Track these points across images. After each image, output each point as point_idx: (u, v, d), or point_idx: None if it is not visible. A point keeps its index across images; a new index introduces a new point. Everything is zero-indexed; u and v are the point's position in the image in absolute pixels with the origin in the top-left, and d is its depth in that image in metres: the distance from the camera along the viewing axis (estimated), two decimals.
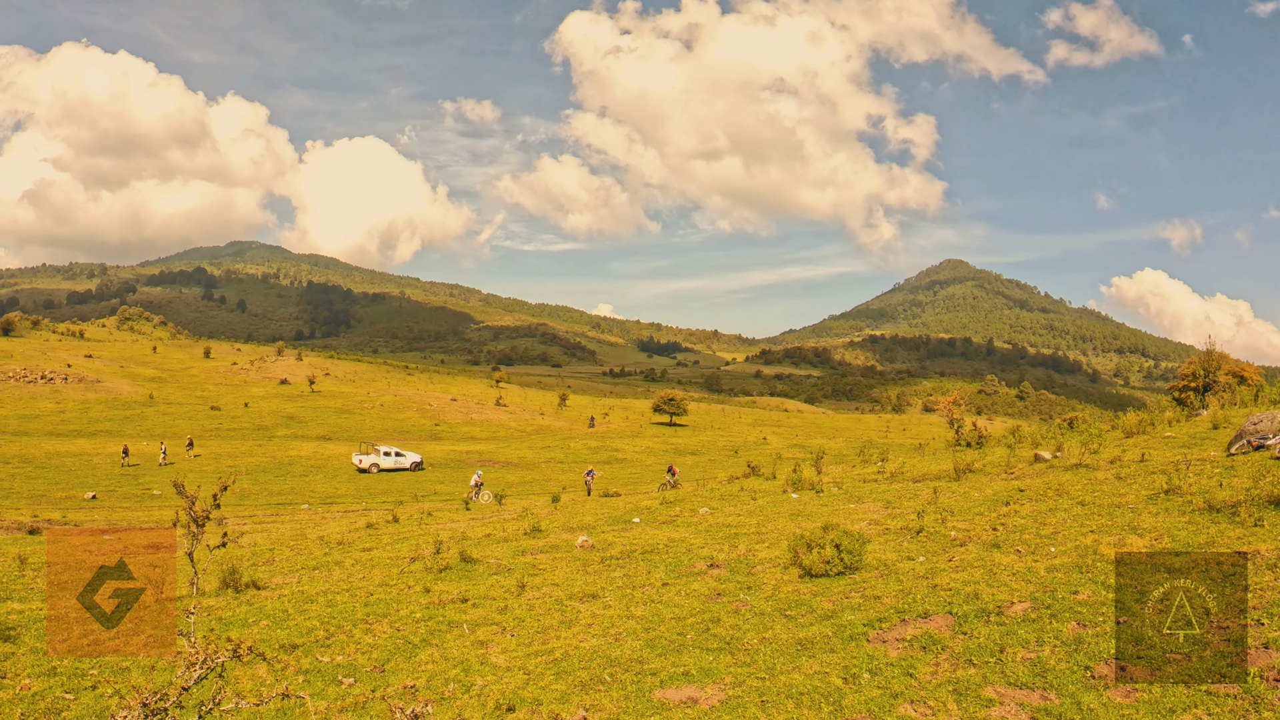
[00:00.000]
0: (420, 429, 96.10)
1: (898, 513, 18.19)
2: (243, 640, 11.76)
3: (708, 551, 16.99)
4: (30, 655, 11.83)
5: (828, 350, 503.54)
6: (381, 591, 15.00)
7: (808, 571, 13.94)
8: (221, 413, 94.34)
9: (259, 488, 54.74)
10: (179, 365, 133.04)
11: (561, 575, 15.89)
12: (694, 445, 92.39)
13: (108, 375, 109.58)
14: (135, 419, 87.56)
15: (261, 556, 21.58)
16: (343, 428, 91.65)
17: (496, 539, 21.37)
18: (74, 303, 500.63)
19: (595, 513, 25.82)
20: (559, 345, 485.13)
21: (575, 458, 74.52)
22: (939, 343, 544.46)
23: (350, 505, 47.07)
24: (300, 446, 76.05)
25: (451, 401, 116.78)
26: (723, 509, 23.07)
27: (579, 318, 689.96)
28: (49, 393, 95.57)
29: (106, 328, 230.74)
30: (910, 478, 23.94)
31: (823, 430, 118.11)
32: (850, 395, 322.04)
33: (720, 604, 13.15)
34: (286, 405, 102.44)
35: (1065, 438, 27.18)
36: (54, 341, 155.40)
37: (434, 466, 68.25)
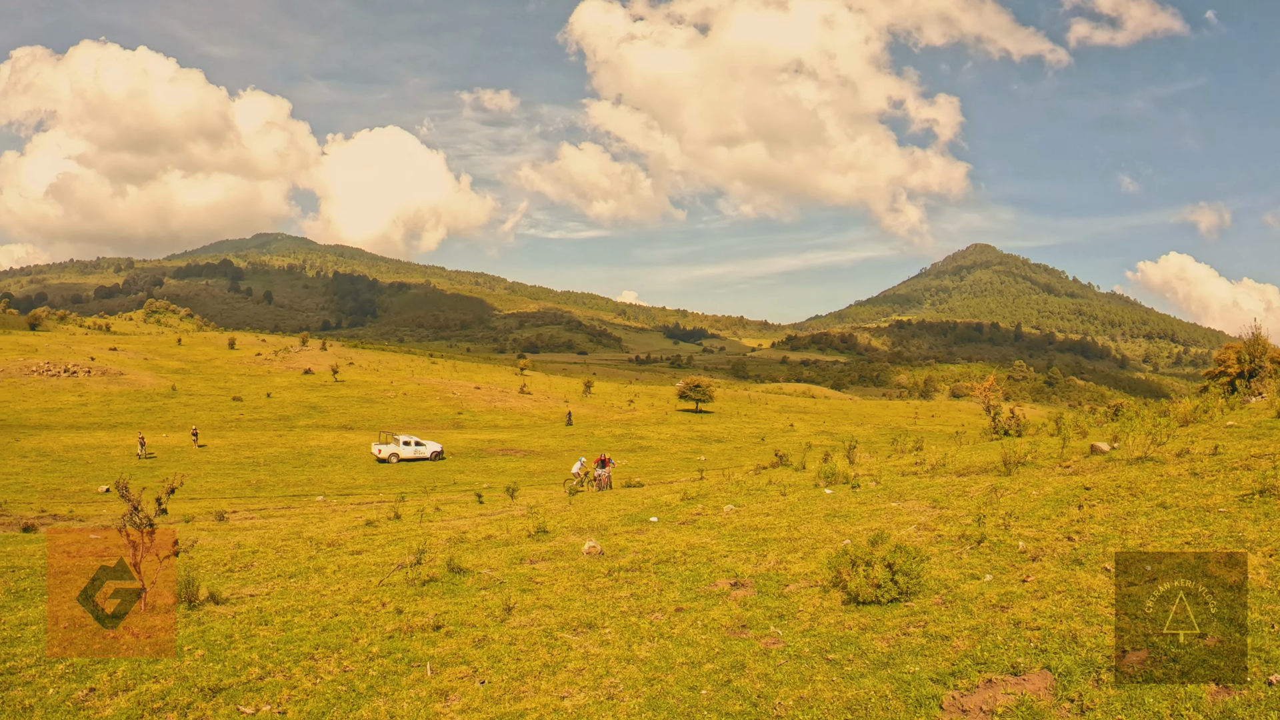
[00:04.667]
0: (443, 417, 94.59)
1: (948, 515, 15.76)
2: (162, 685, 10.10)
3: (731, 562, 14.62)
4: None
5: (854, 336, 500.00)
6: (348, 611, 12.92)
7: (853, 597, 11.32)
8: (243, 403, 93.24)
9: (276, 478, 53.40)
10: (203, 357, 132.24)
11: (560, 592, 13.60)
12: (720, 432, 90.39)
13: (131, 368, 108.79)
14: (157, 410, 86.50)
15: (241, 560, 19.65)
16: (365, 417, 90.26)
17: (497, 541, 19.29)
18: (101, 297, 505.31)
19: (611, 509, 23.70)
20: (584, 332, 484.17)
21: (600, 445, 72.63)
22: (966, 328, 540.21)
23: (366, 496, 45.54)
24: (321, 436, 74.71)
25: (475, 389, 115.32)
26: (749, 506, 20.79)
27: (604, 305, 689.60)
28: (71, 386, 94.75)
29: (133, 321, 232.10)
30: (953, 470, 21.51)
31: (850, 417, 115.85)
32: (877, 381, 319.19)
33: (745, 641, 10.55)
34: (309, 395, 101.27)
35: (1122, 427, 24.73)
36: (80, 335, 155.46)
37: (455, 455, 66.70)
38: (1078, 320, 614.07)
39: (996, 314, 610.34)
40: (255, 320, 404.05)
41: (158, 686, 9.71)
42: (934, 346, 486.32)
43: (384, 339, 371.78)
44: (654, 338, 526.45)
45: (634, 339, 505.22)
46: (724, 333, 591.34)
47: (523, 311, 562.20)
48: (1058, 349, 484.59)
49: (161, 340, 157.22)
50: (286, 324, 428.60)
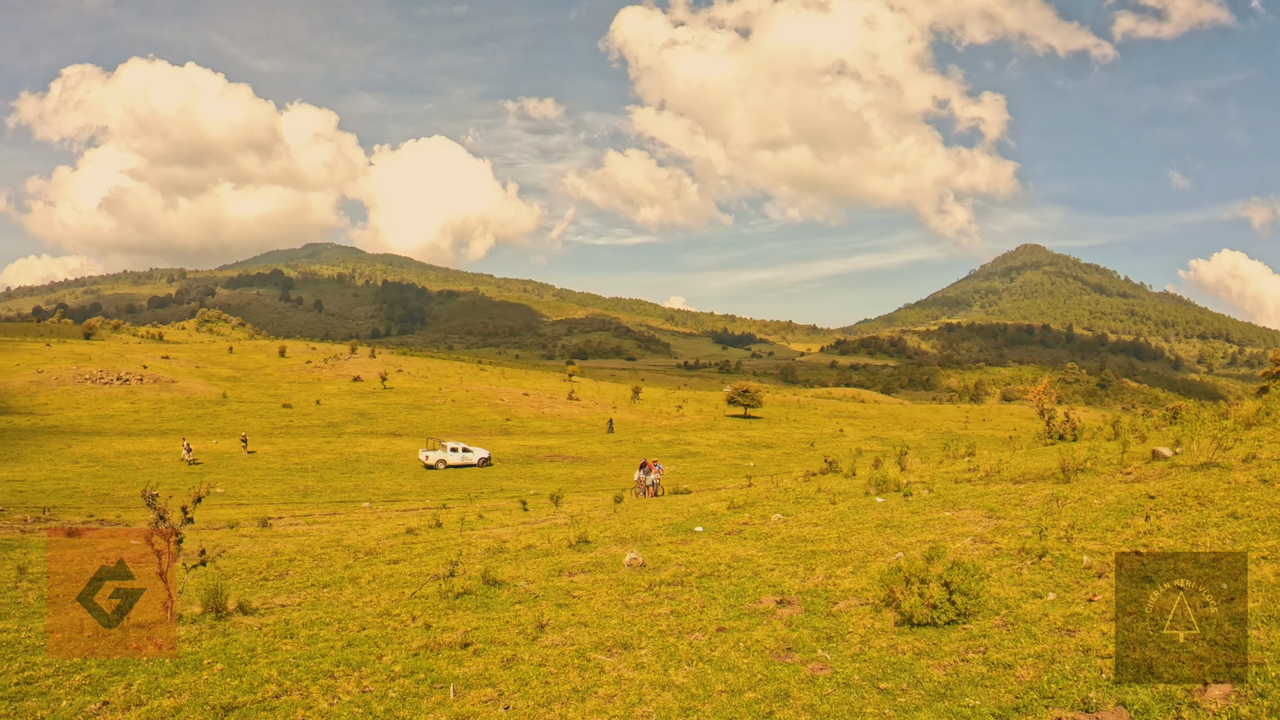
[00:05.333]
0: (491, 424, 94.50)
1: (1006, 526, 14.90)
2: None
3: (778, 576, 13.87)
4: None
5: (903, 339, 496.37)
6: (376, 625, 12.42)
7: (907, 618, 10.51)
8: (293, 410, 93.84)
9: (324, 484, 53.43)
10: (254, 364, 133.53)
11: (597, 607, 12.97)
12: (769, 438, 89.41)
13: (183, 375, 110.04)
14: (208, 417, 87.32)
15: (277, 569, 19.33)
16: (413, 423, 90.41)
17: (537, 551, 18.75)
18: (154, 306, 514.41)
19: (656, 517, 23.07)
20: (633, 338, 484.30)
21: (648, 451, 72.01)
22: (1016, 330, 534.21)
23: (413, 502, 45.32)
24: (369, 443, 74.83)
25: (523, 396, 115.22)
26: (798, 515, 20.04)
27: (652, 311, 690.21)
28: (124, 393, 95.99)
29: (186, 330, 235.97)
30: (1009, 477, 20.62)
31: (900, 421, 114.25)
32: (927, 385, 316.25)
33: (790, 666, 9.76)
34: (358, 402, 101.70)
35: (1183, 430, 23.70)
36: (133, 344, 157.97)
37: (502, 462, 66.43)
38: (1130, 321, 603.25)
39: (1047, 315, 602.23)
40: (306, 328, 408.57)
41: (170, 702, 9.27)
42: (984, 349, 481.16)
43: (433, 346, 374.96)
44: (702, 343, 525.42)
45: (682, 344, 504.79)
46: (772, 337, 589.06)
47: (571, 318, 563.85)
48: (1110, 350, 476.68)
49: (213, 348, 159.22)
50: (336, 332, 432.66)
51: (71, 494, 46.38)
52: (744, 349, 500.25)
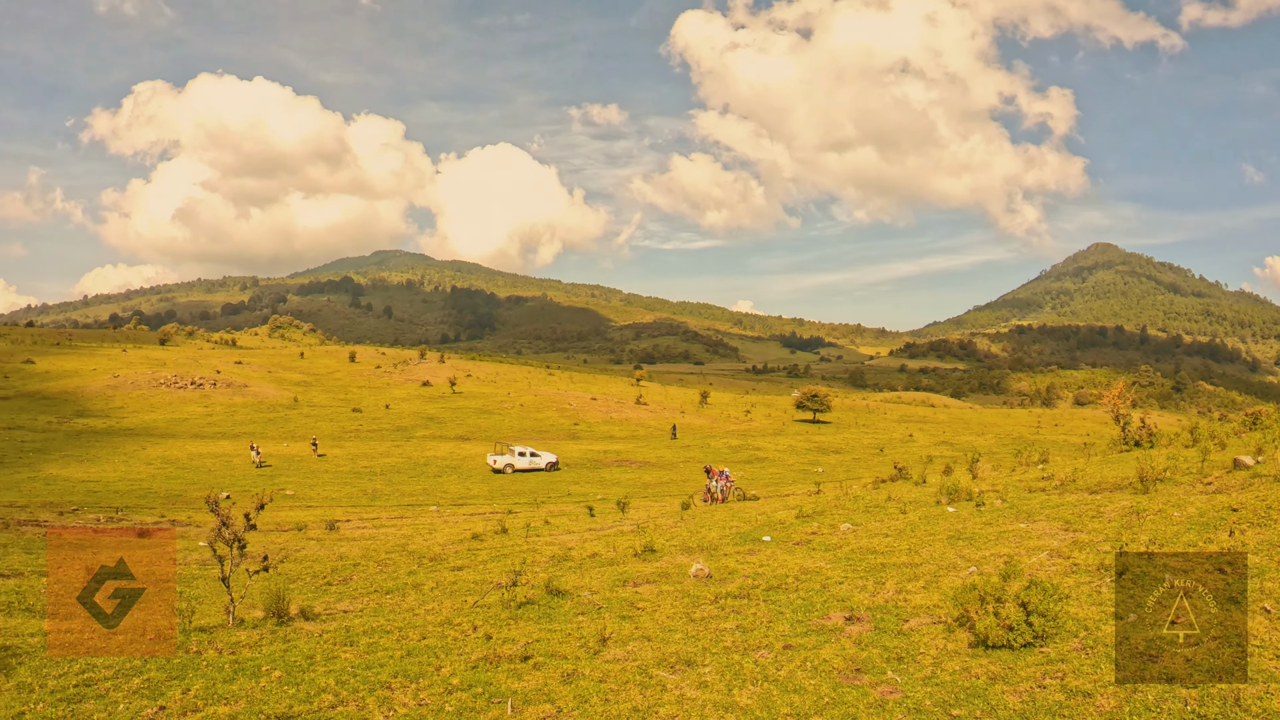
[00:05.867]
0: (559, 428, 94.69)
1: (1084, 540, 14.13)
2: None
3: (846, 590, 13.34)
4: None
5: (973, 342, 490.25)
6: (437, 635, 12.17)
7: (982, 639, 9.91)
8: (363, 414, 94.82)
9: (392, 488, 53.84)
10: (324, 369, 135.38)
11: (661, 620, 12.57)
12: (838, 443, 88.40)
13: (255, 380, 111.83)
14: (279, 421, 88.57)
15: (341, 573, 19.26)
16: (481, 428, 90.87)
17: (602, 560, 18.41)
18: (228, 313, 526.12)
19: (723, 526, 22.62)
20: (701, 343, 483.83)
21: (715, 456, 71.50)
22: (1089, 332, 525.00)
23: (480, 507, 45.35)
24: (437, 447, 75.32)
25: (591, 400, 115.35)
26: (867, 524, 19.46)
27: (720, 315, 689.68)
28: (198, 397, 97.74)
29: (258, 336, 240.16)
30: (1085, 487, 19.79)
31: (971, 426, 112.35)
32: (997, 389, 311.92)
33: (859, 688, 9.27)
34: (427, 406, 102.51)
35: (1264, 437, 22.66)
36: (207, 350, 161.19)
37: (570, 466, 66.41)
38: (1205, 321, 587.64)
39: (1120, 316, 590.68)
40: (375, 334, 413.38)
41: (226, 710, 9.09)
42: (1055, 352, 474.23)
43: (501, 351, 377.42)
44: (770, 347, 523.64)
45: (750, 348, 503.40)
46: (841, 341, 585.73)
47: (638, 322, 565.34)
48: (1185, 352, 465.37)
49: (284, 354, 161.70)
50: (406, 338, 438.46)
51: (145, 495, 47.18)
52: (812, 353, 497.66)
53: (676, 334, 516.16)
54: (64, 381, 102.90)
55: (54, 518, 36.78)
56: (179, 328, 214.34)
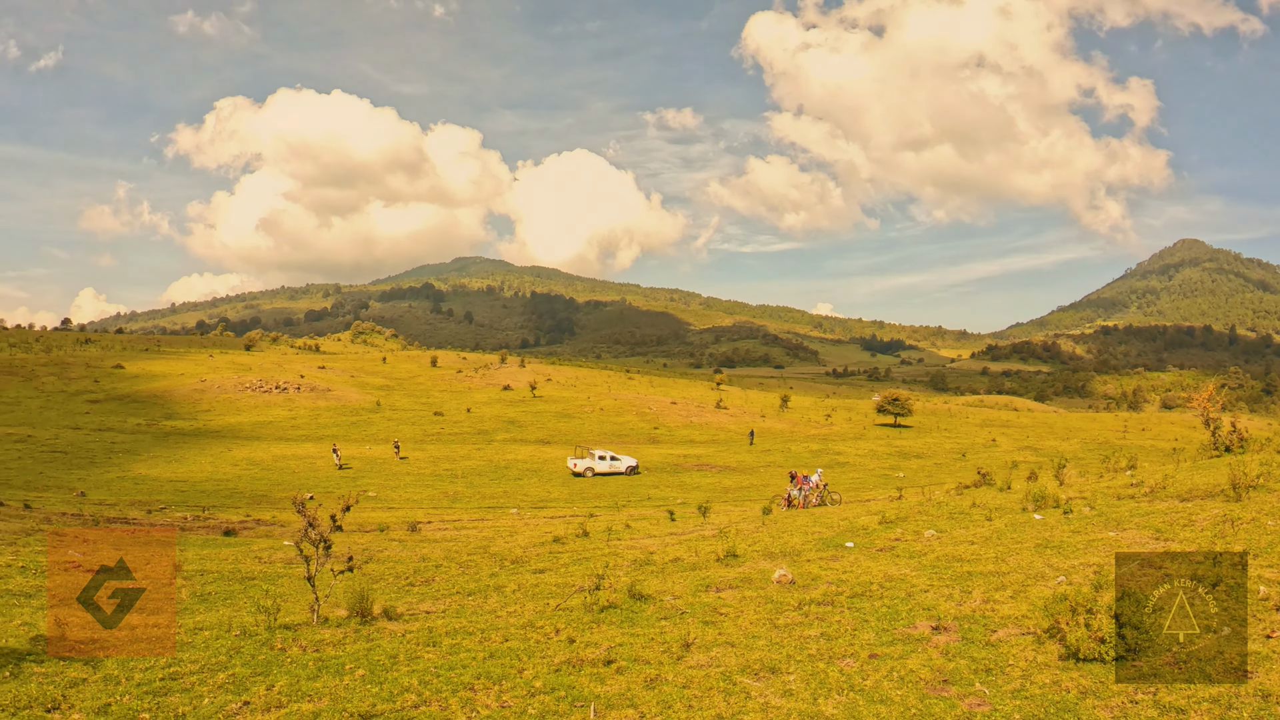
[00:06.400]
0: (639, 432, 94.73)
1: (1175, 549, 13.70)
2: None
3: (933, 599, 12.93)
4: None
5: (1056, 344, 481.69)
6: (519, 637, 12.06)
7: (1072, 652, 9.55)
8: (444, 418, 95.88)
9: (473, 490, 54.30)
10: (406, 374, 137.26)
11: (744, 626, 12.30)
12: (919, 448, 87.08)
13: (338, 384, 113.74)
14: (361, 424, 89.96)
15: (424, 574, 19.29)
16: (561, 431, 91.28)
17: (685, 565, 18.17)
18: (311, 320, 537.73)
19: (806, 531, 22.22)
20: (780, 346, 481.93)
21: (796, 461, 70.85)
22: (1176, 332, 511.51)
23: (560, 510, 45.48)
24: (518, 450, 75.82)
25: (671, 404, 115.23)
26: (952, 531, 18.93)
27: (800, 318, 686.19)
28: (283, 401, 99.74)
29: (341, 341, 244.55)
30: (1175, 494, 19.00)
31: (1055, 431, 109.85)
32: (1082, 392, 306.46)
33: (946, 700, 8.96)
34: (507, 410, 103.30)
35: None
36: (291, 355, 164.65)
37: (650, 470, 66.32)
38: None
39: (1208, 315, 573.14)
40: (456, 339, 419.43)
41: (309, 707, 9.08)
42: (1142, 353, 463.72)
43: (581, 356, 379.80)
44: (850, 350, 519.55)
45: (830, 352, 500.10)
46: (922, 343, 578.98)
47: (718, 326, 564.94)
48: (1275, 353, 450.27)
49: (367, 359, 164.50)
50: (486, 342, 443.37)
51: (230, 495, 48.16)
52: (893, 355, 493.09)
53: (756, 337, 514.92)
54: (153, 385, 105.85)
55: (142, 516, 37.65)
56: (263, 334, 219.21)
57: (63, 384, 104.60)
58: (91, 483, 48.84)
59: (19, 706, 8.87)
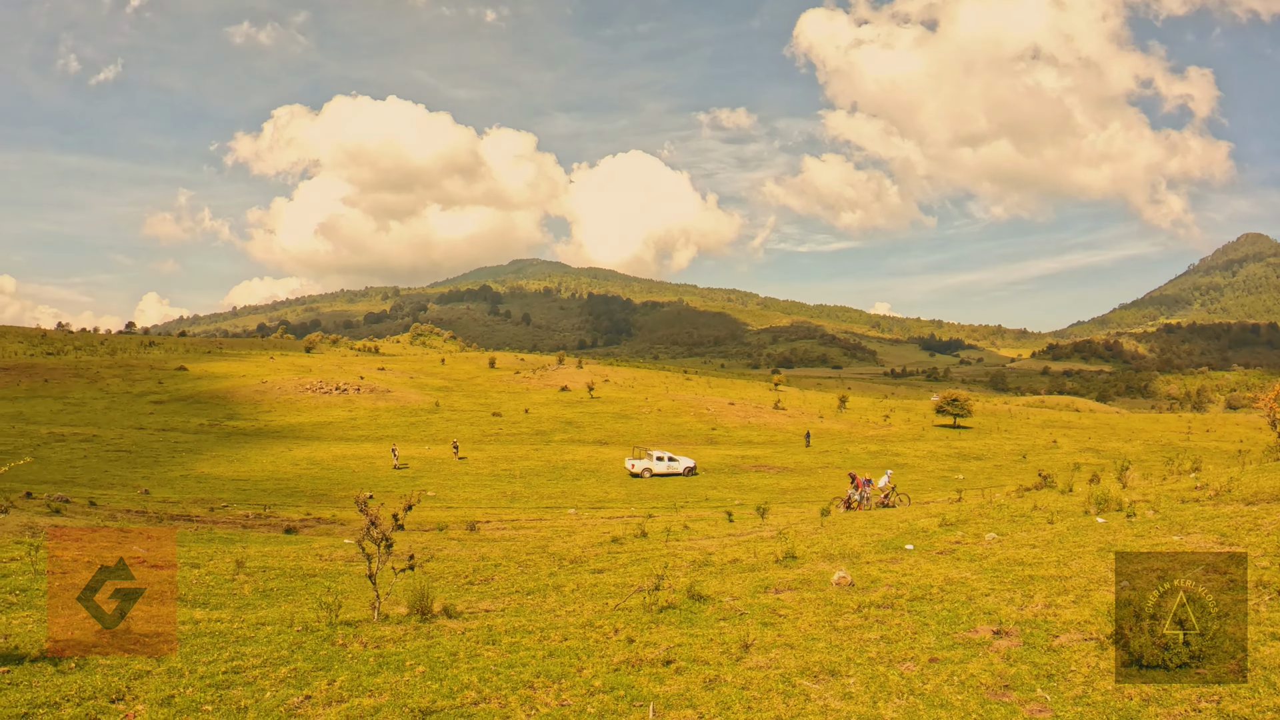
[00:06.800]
0: (696, 433, 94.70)
1: (1240, 554, 13.37)
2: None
3: (993, 602, 12.71)
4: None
5: (1118, 343, 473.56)
6: (579, 636, 12.07)
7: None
8: (502, 418, 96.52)
9: (531, 490, 54.60)
10: (465, 375, 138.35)
11: (803, 628, 12.19)
12: (979, 449, 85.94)
13: (397, 386, 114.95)
14: (420, 425, 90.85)
15: (483, 573, 19.42)
16: (619, 432, 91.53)
17: (743, 566, 18.07)
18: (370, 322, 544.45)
19: (864, 533, 22.01)
20: (838, 346, 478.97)
21: (855, 462, 70.31)
22: (1241, 330, 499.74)
23: (618, 510, 45.60)
24: (575, 450, 76.12)
25: (729, 405, 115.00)
26: (1013, 534, 18.62)
27: (857, 317, 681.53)
28: (342, 402, 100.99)
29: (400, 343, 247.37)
30: (1240, 498, 18.52)
31: (1117, 432, 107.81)
32: (1145, 392, 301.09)
33: (1007, 706, 8.79)
34: (565, 411, 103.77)
35: None
36: (350, 357, 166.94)
37: (707, 471, 66.23)
38: None
39: (1273, 312, 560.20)
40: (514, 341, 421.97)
41: (370, 702, 9.16)
42: (1206, 352, 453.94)
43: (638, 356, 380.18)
44: (909, 350, 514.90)
45: (888, 351, 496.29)
46: (981, 343, 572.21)
47: (775, 326, 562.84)
48: None
49: (426, 360, 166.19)
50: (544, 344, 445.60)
51: (291, 493, 48.86)
52: (951, 355, 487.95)
53: (813, 337, 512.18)
54: (215, 387, 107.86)
55: (205, 514, 38.35)
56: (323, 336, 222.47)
57: (127, 385, 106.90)
58: (155, 481, 49.83)
59: (84, 697, 9.00)
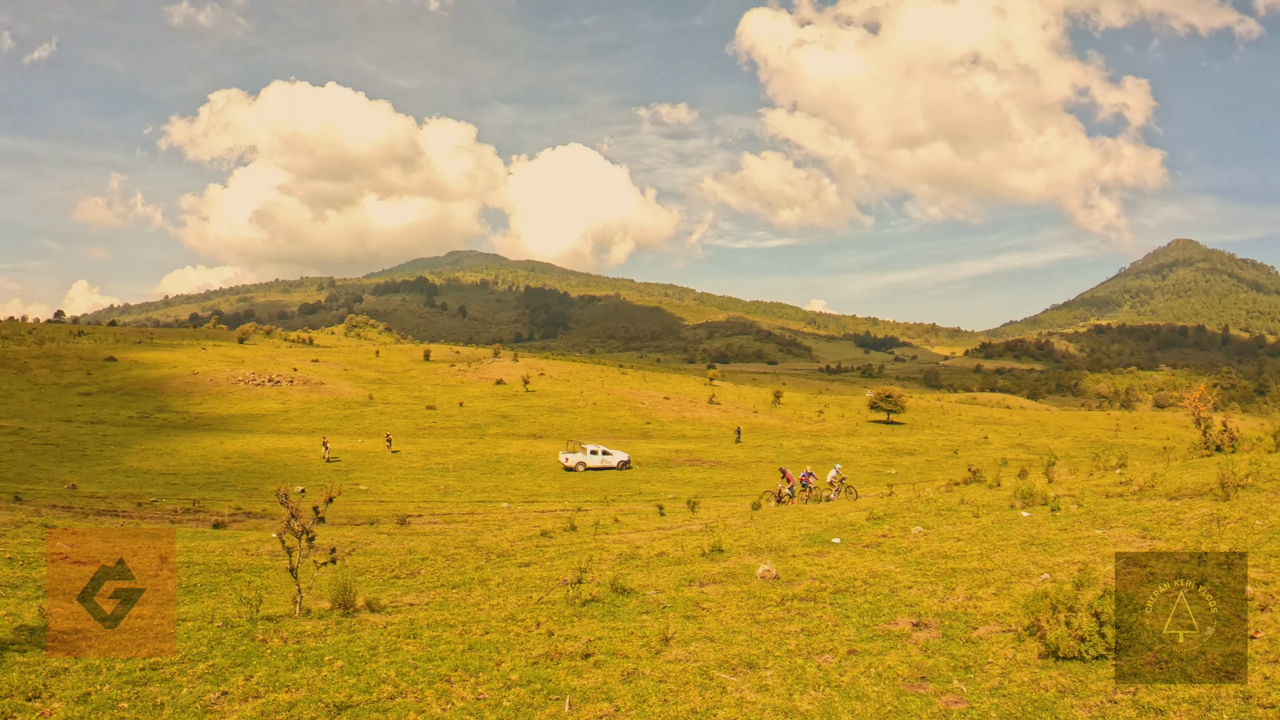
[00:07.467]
0: (631, 427, 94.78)
1: (1161, 548, 13.68)
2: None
3: (915, 595, 12.93)
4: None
5: (1049, 342, 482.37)
6: (500, 630, 12.12)
7: (1052, 650, 9.54)
8: (436, 411, 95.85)
9: (464, 484, 54.32)
10: (399, 368, 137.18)
11: (725, 621, 12.34)
12: (912, 445, 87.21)
13: (331, 378, 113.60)
14: (354, 418, 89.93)
15: (409, 567, 19.40)
16: (554, 426, 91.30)
17: (670, 559, 18.24)
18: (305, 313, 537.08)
19: (793, 527, 22.30)
20: (774, 342, 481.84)
21: (788, 457, 70.94)
22: (1169, 331, 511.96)
23: (551, 504, 45.65)
24: (510, 444, 75.83)
25: (664, 399, 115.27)
26: (939, 528, 19.01)
27: (793, 314, 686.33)
28: (275, 394, 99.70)
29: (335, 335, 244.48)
30: (1164, 493, 19.06)
31: (1047, 429, 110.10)
32: (1075, 390, 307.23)
33: (923, 697, 8.98)
34: (500, 404, 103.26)
35: None
36: (284, 348, 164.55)
37: (641, 465, 66.37)
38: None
39: (1201, 315, 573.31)
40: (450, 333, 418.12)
41: (286, 697, 9.15)
42: (1135, 352, 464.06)
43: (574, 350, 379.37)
44: (844, 346, 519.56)
45: (824, 348, 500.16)
46: (915, 340, 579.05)
47: (711, 322, 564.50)
48: (1269, 353, 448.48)
49: (360, 352, 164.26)
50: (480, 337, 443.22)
51: (222, 487, 48.17)
52: (886, 353, 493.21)
53: (750, 333, 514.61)
54: (145, 377, 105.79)
55: (133, 508, 37.74)
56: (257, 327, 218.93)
57: (55, 376, 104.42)
58: (83, 475, 48.83)
59: (0, 695, 8.91)
